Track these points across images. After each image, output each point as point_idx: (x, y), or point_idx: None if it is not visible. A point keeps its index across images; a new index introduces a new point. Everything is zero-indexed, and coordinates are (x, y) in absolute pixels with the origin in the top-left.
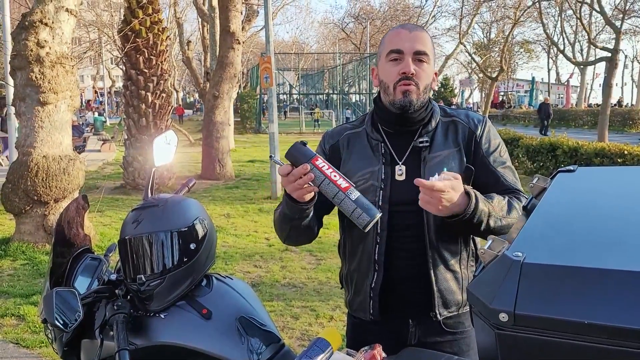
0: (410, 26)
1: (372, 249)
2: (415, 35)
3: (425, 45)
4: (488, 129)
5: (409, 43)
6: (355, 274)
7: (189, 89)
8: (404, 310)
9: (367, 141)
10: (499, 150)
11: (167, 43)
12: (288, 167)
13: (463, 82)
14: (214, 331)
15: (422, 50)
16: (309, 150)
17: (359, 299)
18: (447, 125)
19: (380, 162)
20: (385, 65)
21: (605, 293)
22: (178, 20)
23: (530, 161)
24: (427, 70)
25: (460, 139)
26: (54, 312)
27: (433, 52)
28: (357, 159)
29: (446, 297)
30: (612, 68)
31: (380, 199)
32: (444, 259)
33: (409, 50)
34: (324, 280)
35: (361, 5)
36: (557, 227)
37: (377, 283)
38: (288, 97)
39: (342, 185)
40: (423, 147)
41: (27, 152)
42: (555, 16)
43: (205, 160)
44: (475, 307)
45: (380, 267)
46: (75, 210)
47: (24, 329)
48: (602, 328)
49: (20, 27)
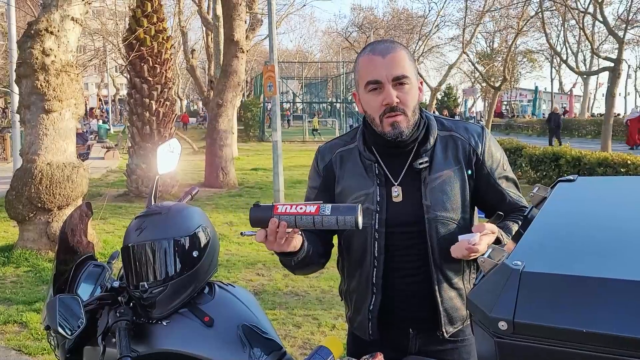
0: (381, 49)
1: (370, 272)
2: (389, 60)
3: (403, 67)
4: (489, 143)
5: (386, 71)
6: (354, 295)
7: (193, 97)
8: (405, 328)
9: (360, 160)
10: (501, 163)
11: (171, 51)
12: (261, 231)
13: (466, 91)
14: (215, 339)
15: (401, 75)
16: (266, 206)
17: (358, 319)
18: (446, 141)
19: (375, 184)
20: (365, 96)
21: (604, 302)
22: (182, 29)
23: (533, 170)
24: (411, 91)
25: (461, 156)
26: (57, 319)
27: (412, 66)
28: (351, 180)
29: (452, 314)
30: (615, 78)
31: (377, 222)
32: (448, 278)
33: (387, 79)
34: (327, 289)
35: (365, 15)
36: (557, 236)
37: (376, 305)
38: (292, 106)
39: (312, 209)
40: (423, 168)
41: (31, 159)
42: (558, 26)
43: (209, 168)
44: (475, 316)
45: (378, 290)
46: (79, 218)
47: (27, 336)
48: (601, 337)
49: (26, 36)
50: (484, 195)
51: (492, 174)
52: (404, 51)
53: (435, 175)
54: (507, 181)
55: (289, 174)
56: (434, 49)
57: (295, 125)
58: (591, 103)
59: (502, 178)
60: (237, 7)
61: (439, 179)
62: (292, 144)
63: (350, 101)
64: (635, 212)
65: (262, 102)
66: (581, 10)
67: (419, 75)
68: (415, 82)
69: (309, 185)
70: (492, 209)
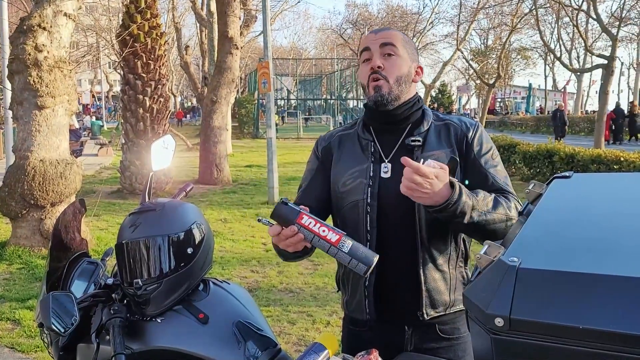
0: (377, 29)
1: None
2: (381, 34)
3: (392, 38)
4: (480, 133)
5: (376, 40)
6: (350, 274)
7: (187, 94)
8: (398, 310)
9: (357, 141)
10: (491, 153)
11: (165, 48)
12: (277, 227)
13: (460, 88)
14: (210, 336)
15: (388, 42)
16: (294, 210)
17: (355, 300)
18: (440, 129)
19: (369, 160)
20: (360, 67)
21: (601, 298)
22: (176, 25)
23: (526, 167)
24: (397, 61)
25: (454, 140)
26: (50, 316)
27: (406, 45)
28: (348, 158)
29: (434, 296)
30: (608, 75)
31: (369, 195)
32: (434, 259)
33: (376, 45)
34: (321, 286)
35: (359, 12)
36: (553, 232)
37: (371, 282)
38: (286, 103)
39: (333, 239)
40: (415, 146)
41: (24, 155)
42: (552, 23)
43: (203, 165)
44: (471, 312)
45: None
46: (72, 215)
47: (20, 334)
48: (598, 333)
49: (18, 31)
50: (471, 177)
51: (479, 158)
52: (399, 32)
53: (427, 154)
54: (495, 170)
55: (283, 170)
56: (428, 46)
57: (289, 122)
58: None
59: (489, 164)
60: (231, 4)
61: (431, 157)
62: (287, 141)
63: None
64: (631, 208)
65: (257, 99)
66: (575, 8)
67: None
68: (405, 57)
69: (306, 168)
70: None
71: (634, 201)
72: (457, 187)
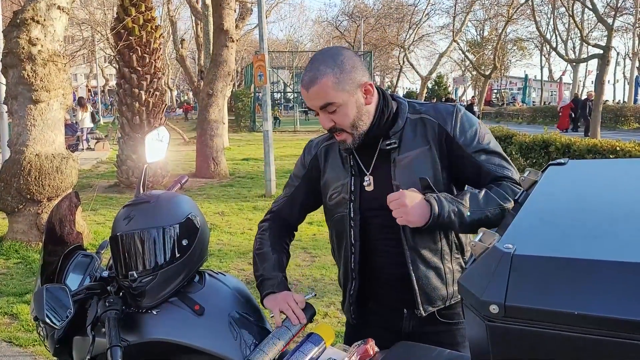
0: (306, 81)
1: (349, 259)
2: (312, 93)
3: (325, 96)
4: (460, 120)
5: (312, 102)
6: (342, 280)
7: (183, 87)
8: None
9: (338, 153)
10: (478, 137)
11: (160, 41)
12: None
13: (456, 79)
14: (206, 327)
15: (324, 104)
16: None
17: (345, 303)
18: (416, 123)
19: (349, 174)
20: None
21: (595, 284)
22: (172, 18)
23: (523, 158)
24: (342, 111)
25: (430, 137)
26: (45, 309)
27: (340, 88)
28: (331, 171)
29: (429, 294)
30: (604, 65)
31: (351, 211)
32: (423, 258)
33: (316, 108)
34: (318, 277)
35: (355, 4)
36: (548, 219)
37: (355, 290)
38: (282, 96)
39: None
40: (392, 148)
41: (19, 150)
42: (548, 14)
43: (200, 158)
44: (466, 300)
45: (356, 275)
46: (67, 207)
47: (17, 328)
48: (592, 318)
49: (11, 25)
50: (462, 170)
51: (466, 149)
52: (326, 78)
53: (403, 155)
54: (487, 154)
55: (280, 163)
56: (425, 37)
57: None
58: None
59: (479, 151)
60: None
61: (408, 158)
62: (283, 134)
63: None
64: (625, 194)
65: (253, 92)
66: None
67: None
68: (347, 101)
69: (293, 173)
70: (474, 182)
71: (628, 187)
72: (433, 202)
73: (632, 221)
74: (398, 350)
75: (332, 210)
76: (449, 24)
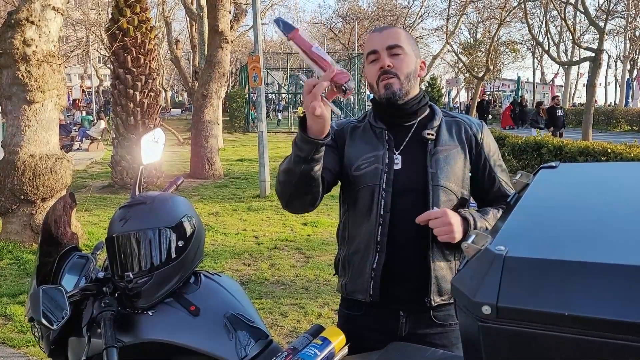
0: (382, 27)
1: (375, 230)
2: (385, 34)
3: (397, 39)
4: (487, 133)
5: (381, 41)
6: (355, 256)
7: (177, 88)
8: (401, 294)
9: (371, 129)
10: (497, 153)
11: (155, 42)
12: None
13: (450, 81)
14: (202, 328)
15: (394, 44)
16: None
17: (358, 281)
18: (451, 124)
19: (385, 148)
20: (367, 67)
21: (587, 286)
22: (166, 19)
23: (515, 159)
24: (405, 59)
25: (464, 137)
26: (41, 310)
27: (410, 43)
28: (362, 143)
29: (441, 284)
30: (595, 68)
31: (384, 181)
32: (442, 249)
33: (382, 47)
34: (313, 278)
35: (349, 5)
36: (540, 221)
37: (379, 264)
38: (277, 97)
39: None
40: (430, 139)
41: (13, 151)
42: (541, 17)
43: (194, 159)
44: (458, 301)
45: (382, 248)
46: (62, 208)
47: (11, 329)
48: (583, 320)
49: (6, 25)
50: (480, 178)
51: (489, 160)
52: (401, 30)
53: (440, 147)
54: (502, 171)
55: (275, 164)
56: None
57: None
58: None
59: (497, 166)
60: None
61: (444, 152)
62: (278, 135)
63: None
64: (616, 196)
65: (248, 93)
66: (563, 1)
67: (420, 56)
68: (411, 54)
69: None
70: (484, 193)
71: (619, 190)
72: (471, 220)
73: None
74: (391, 350)
75: (357, 181)
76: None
